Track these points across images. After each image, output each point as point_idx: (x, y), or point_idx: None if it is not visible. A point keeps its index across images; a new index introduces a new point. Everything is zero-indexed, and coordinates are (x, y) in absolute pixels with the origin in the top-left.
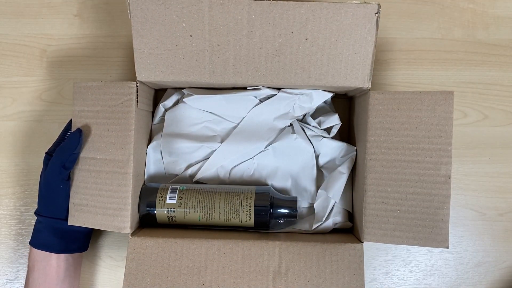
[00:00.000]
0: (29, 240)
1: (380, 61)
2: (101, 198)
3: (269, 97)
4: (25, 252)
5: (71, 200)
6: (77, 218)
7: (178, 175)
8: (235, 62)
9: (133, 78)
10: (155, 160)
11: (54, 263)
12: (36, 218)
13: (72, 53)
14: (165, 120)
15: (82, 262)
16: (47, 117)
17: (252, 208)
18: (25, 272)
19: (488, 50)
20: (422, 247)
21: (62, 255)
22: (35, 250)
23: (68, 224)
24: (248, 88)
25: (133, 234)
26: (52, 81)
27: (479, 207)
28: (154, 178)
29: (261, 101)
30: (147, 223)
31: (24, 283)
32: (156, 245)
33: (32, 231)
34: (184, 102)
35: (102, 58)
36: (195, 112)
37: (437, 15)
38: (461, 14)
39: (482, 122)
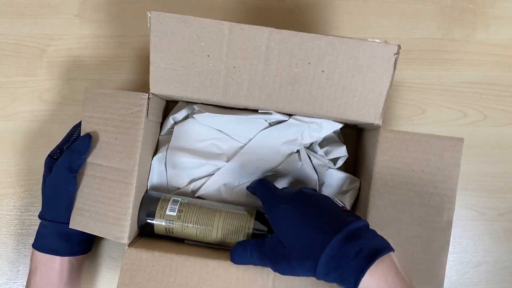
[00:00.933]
0: (29, 241)
1: None
2: (103, 205)
3: (279, 122)
4: (25, 252)
5: (75, 204)
6: (78, 222)
7: (180, 188)
8: (249, 85)
9: (134, 79)
10: (159, 172)
11: (57, 266)
12: (36, 220)
13: (72, 53)
14: (173, 133)
15: (84, 264)
16: (47, 117)
17: (251, 231)
18: (25, 272)
19: (488, 50)
20: None
21: (65, 258)
22: (38, 253)
23: (69, 227)
24: (259, 111)
25: (130, 244)
26: (52, 81)
27: (479, 207)
28: (156, 189)
29: (270, 125)
30: (144, 231)
31: (24, 283)
32: (151, 258)
33: (32, 231)
34: (194, 118)
35: (102, 58)
36: (204, 128)
37: (437, 15)
38: (461, 14)
39: (482, 122)
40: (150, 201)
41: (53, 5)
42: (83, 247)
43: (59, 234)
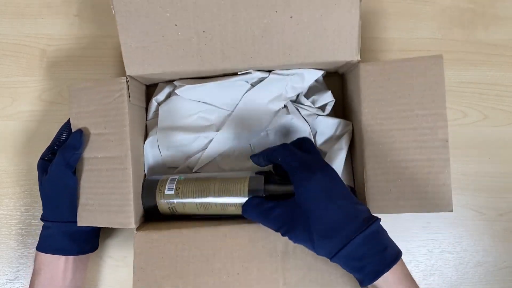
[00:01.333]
0: (29, 241)
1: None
2: (105, 196)
3: (260, 80)
4: (25, 252)
5: (78, 201)
6: (86, 218)
7: (178, 167)
8: (222, 47)
9: None
10: (154, 155)
11: (62, 266)
12: (36, 220)
13: (72, 53)
14: (159, 114)
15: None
16: (47, 117)
17: (246, 194)
18: (25, 272)
19: (488, 50)
20: (422, 247)
21: (70, 258)
22: (42, 254)
23: (78, 225)
24: (238, 73)
25: (138, 228)
26: (52, 81)
27: (479, 207)
28: (155, 172)
29: (252, 85)
30: (152, 215)
31: (24, 283)
32: (162, 237)
33: (32, 231)
34: (176, 94)
35: (102, 58)
36: (188, 103)
37: (437, 15)
38: (461, 14)
39: (482, 122)
40: (150, 185)
41: (53, 5)
42: (90, 245)
43: (64, 233)
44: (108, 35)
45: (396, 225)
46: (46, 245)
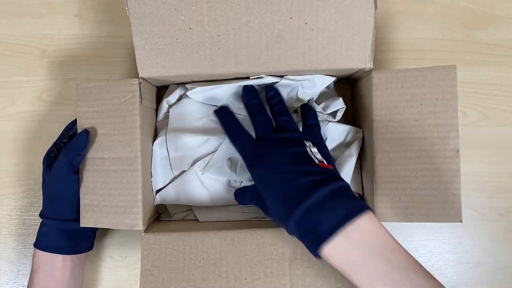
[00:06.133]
0: (29, 241)
1: (380, 61)
2: (112, 197)
3: (272, 84)
4: (25, 252)
5: (81, 201)
6: (89, 219)
7: (185, 171)
8: (236, 51)
9: (135, 77)
10: (162, 158)
11: (60, 264)
12: (36, 220)
13: (72, 53)
14: (170, 116)
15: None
16: (47, 117)
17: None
18: (25, 272)
19: (488, 50)
20: (422, 247)
21: (68, 256)
22: (40, 252)
23: (81, 226)
24: (250, 78)
25: (146, 230)
26: (52, 81)
27: (479, 207)
28: (161, 173)
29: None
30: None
31: (24, 283)
32: (170, 239)
33: (32, 231)
34: (188, 96)
35: (102, 58)
36: (199, 106)
37: (437, 15)
38: (461, 14)
39: (482, 122)
40: None
41: (53, 5)
42: (86, 244)
43: (61, 231)
44: (108, 35)
45: (396, 225)
46: (42, 242)
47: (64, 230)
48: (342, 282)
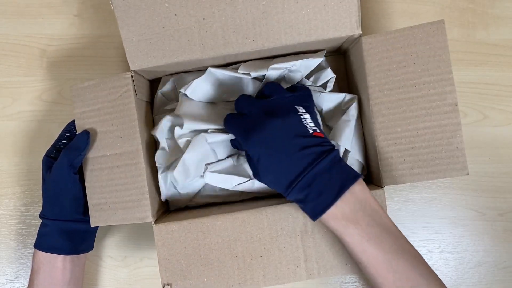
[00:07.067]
0: (29, 241)
1: None
2: (119, 193)
3: (260, 79)
4: (25, 252)
5: (89, 201)
6: (99, 218)
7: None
8: (223, 33)
9: None
10: (168, 144)
11: (60, 265)
12: (36, 220)
13: (72, 53)
14: (180, 101)
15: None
16: (47, 117)
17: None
18: (25, 272)
19: (488, 50)
20: (422, 247)
21: (68, 257)
22: (40, 253)
23: (91, 226)
24: (238, 71)
25: (156, 221)
26: (52, 81)
27: (479, 207)
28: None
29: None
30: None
31: (24, 283)
32: (181, 228)
33: (32, 231)
34: (185, 95)
35: (102, 58)
36: (200, 108)
37: (437, 15)
38: (461, 14)
39: (482, 122)
40: None
41: (53, 5)
42: (86, 245)
43: (61, 232)
44: (108, 35)
45: (396, 225)
46: (44, 243)
47: (64, 230)
48: None
